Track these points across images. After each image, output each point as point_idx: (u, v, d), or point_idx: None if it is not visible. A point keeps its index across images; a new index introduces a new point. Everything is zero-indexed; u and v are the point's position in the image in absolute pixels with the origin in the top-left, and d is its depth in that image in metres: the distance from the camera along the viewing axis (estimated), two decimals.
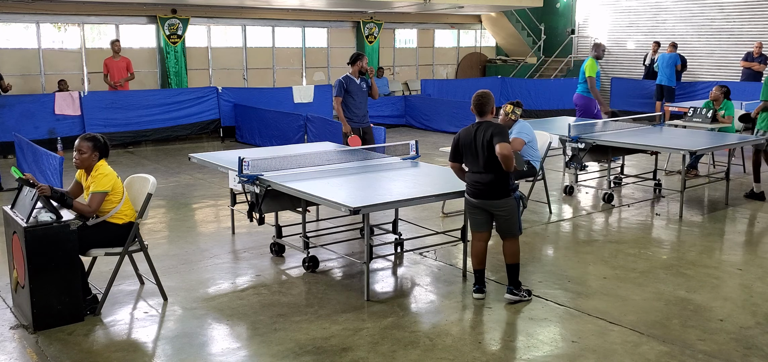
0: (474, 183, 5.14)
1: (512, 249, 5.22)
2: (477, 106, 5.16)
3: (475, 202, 5.18)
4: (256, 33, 17.99)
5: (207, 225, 7.73)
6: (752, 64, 15.64)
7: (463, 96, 17.11)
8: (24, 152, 9.52)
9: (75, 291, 4.84)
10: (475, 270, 5.33)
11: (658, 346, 4.51)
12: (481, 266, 5.30)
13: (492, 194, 5.07)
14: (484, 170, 5.04)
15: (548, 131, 8.27)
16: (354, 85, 8.32)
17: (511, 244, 5.21)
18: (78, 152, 5.07)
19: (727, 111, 10.00)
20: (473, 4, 18.59)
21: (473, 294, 5.32)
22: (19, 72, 14.48)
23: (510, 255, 5.23)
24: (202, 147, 13.06)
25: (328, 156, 6.78)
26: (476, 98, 5.17)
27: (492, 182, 5.04)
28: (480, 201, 5.14)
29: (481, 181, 5.08)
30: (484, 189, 5.08)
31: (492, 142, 4.93)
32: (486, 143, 4.98)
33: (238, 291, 5.56)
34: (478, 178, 5.09)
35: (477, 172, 5.09)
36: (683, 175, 7.85)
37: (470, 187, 5.18)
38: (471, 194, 5.18)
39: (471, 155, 5.11)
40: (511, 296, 5.23)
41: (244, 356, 4.46)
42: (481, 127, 5.07)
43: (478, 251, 5.27)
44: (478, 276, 5.32)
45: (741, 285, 5.68)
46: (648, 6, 19.79)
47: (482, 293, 5.29)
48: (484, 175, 5.06)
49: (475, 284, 5.33)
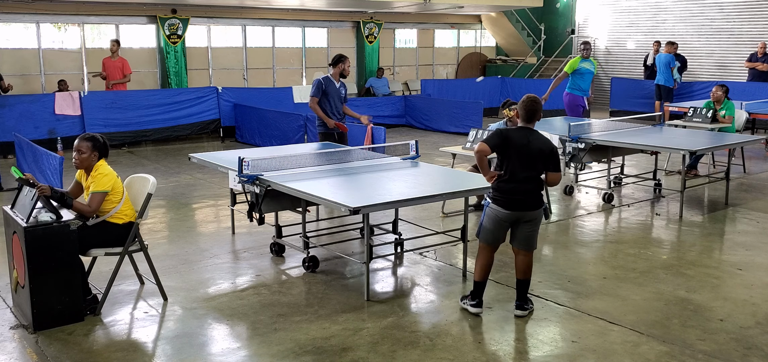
0: (515, 192, 4.78)
1: (529, 264, 4.97)
2: (530, 112, 4.84)
3: (508, 215, 4.83)
4: (256, 33, 18.00)
5: (207, 225, 7.73)
6: (757, 64, 15.63)
7: (463, 96, 17.14)
8: (24, 152, 9.52)
9: (75, 291, 4.84)
10: (479, 282, 5.00)
11: (658, 346, 4.51)
12: (486, 278, 5.03)
13: (532, 204, 4.82)
14: (530, 179, 4.79)
15: (548, 131, 8.26)
16: (332, 87, 8.14)
17: (529, 259, 4.97)
18: (77, 152, 5.07)
19: (727, 111, 10.00)
20: (473, 4, 18.59)
21: (471, 308, 5.00)
22: (19, 72, 14.49)
23: (526, 271, 4.97)
24: (202, 147, 13.06)
25: (328, 156, 6.78)
26: (531, 103, 4.83)
27: (534, 191, 4.83)
28: (516, 213, 4.81)
29: (526, 189, 4.79)
30: (526, 199, 4.79)
31: (548, 159, 4.76)
32: (538, 154, 4.75)
33: (238, 291, 5.56)
34: (523, 186, 4.78)
35: (522, 180, 4.77)
36: (683, 175, 7.85)
37: (508, 196, 4.80)
38: (507, 204, 4.80)
39: (520, 160, 4.76)
40: (522, 312, 4.99)
41: (244, 356, 4.46)
42: (534, 135, 4.82)
43: (489, 263, 4.98)
44: (480, 288, 5.01)
45: (741, 285, 5.68)
46: (648, 6, 19.80)
47: (481, 307, 5.00)
48: (528, 184, 4.79)
49: (475, 297, 5.01)
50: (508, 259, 6.26)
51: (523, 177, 4.77)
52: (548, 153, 4.79)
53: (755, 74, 15.77)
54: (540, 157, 4.77)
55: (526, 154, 4.75)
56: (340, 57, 8.23)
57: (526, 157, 4.75)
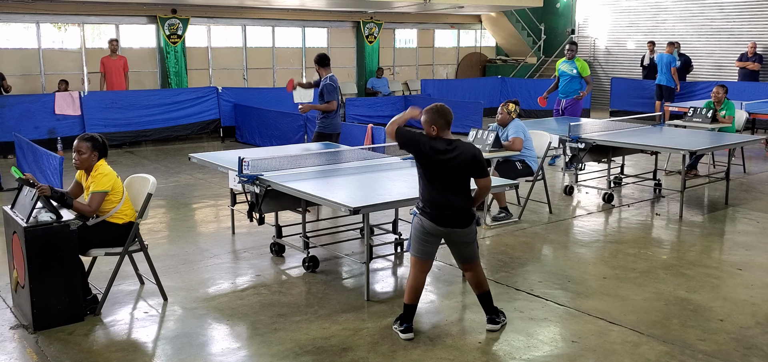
0: (441, 207, 4.40)
1: (481, 277, 4.67)
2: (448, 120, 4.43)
3: (435, 230, 4.44)
4: (256, 33, 17.99)
5: (207, 225, 7.73)
6: (747, 64, 15.69)
7: (463, 96, 17.14)
8: (24, 152, 9.52)
9: (75, 291, 4.84)
10: (409, 305, 4.60)
11: (658, 346, 4.51)
12: (417, 301, 4.64)
13: (462, 221, 4.44)
14: (456, 193, 4.41)
15: (548, 131, 8.27)
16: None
17: (479, 271, 4.67)
18: (77, 153, 5.06)
19: (727, 111, 10.00)
20: (473, 4, 18.59)
21: (402, 334, 4.58)
22: (19, 72, 14.48)
23: (481, 284, 4.68)
24: (202, 147, 13.06)
25: (328, 156, 6.78)
26: (446, 112, 4.42)
27: (462, 208, 4.43)
28: (444, 229, 4.45)
29: (453, 204, 4.40)
30: (455, 216, 4.43)
31: (474, 167, 4.40)
32: (463, 164, 4.37)
33: (238, 291, 5.56)
34: (449, 201, 4.39)
35: (447, 194, 4.39)
36: (683, 175, 7.85)
37: (434, 211, 4.41)
38: (435, 219, 4.41)
39: (438, 173, 4.39)
40: (494, 326, 4.71)
41: (244, 356, 4.46)
42: (453, 144, 4.38)
43: (421, 284, 4.61)
44: (410, 312, 4.62)
45: (741, 285, 5.68)
46: (648, 6, 19.79)
47: (412, 332, 4.59)
48: (455, 199, 4.41)
49: (404, 322, 4.60)
50: (508, 259, 6.27)
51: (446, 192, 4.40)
52: (472, 159, 4.40)
53: (745, 73, 15.85)
54: (464, 167, 4.40)
55: (441, 166, 4.37)
56: (328, 58, 8.59)
57: (440, 170, 4.37)
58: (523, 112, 12.56)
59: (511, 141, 7.49)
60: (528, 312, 5.08)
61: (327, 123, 8.32)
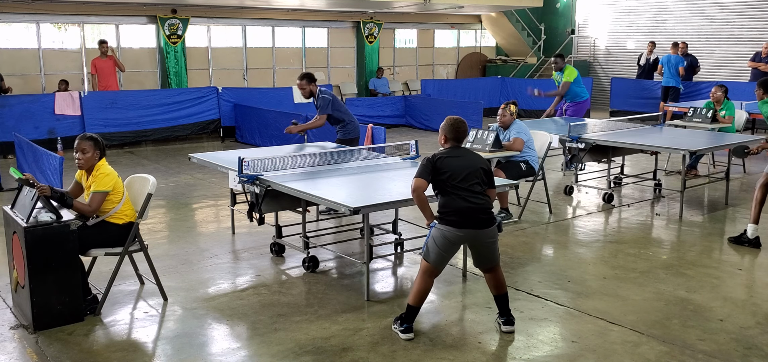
0: (464, 212, 4.46)
1: (501, 279, 4.72)
2: (458, 135, 4.66)
3: (459, 235, 4.51)
4: (256, 33, 18.00)
5: (207, 225, 7.73)
6: (759, 65, 15.63)
7: (463, 96, 17.14)
8: (24, 152, 9.52)
9: (75, 291, 4.84)
10: (414, 307, 4.64)
11: (658, 346, 4.51)
12: (421, 304, 4.69)
13: (485, 222, 4.52)
14: (476, 194, 4.48)
15: (548, 131, 8.28)
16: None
17: (499, 273, 4.71)
18: (81, 152, 5.05)
19: (727, 111, 10.00)
20: (473, 4, 18.60)
21: (402, 333, 4.61)
22: (19, 72, 14.49)
23: (501, 286, 4.71)
24: (202, 147, 13.06)
25: (328, 156, 6.78)
26: (458, 127, 4.65)
27: (485, 209, 4.51)
28: (470, 231, 4.52)
29: (475, 206, 4.48)
30: (479, 218, 4.49)
31: (489, 169, 4.59)
32: (473, 166, 4.52)
33: (238, 291, 5.56)
34: (471, 203, 4.47)
35: (469, 196, 4.46)
36: (683, 175, 7.85)
37: (457, 217, 4.47)
38: (459, 224, 4.47)
39: (466, 178, 4.48)
40: (511, 327, 4.73)
41: (244, 356, 4.46)
42: (461, 151, 4.62)
43: (429, 288, 4.65)
44: (413, 314, 4.66)
45: (741, 285, 5.68)
46: (648, 6, 19.81)
47: (412, 332, 4.63)
48: (476, 199, 4.48)
49: (405, 322, 4.63)
50: (508, 259, 6.26)
51: (473, 194, 4.49)
52: (486, 162, 4.62)
53: (757, 74, 15.75)
54: (483, 171, 4.56)
55: (468, 170, 4.50)
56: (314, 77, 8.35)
57: (468, 174, 4.50)
58: (522, 112, 12.54)
59: (512, 141, 7.51)
60: (528, 312, 5.08)
61: (347, 129, 8.16)
